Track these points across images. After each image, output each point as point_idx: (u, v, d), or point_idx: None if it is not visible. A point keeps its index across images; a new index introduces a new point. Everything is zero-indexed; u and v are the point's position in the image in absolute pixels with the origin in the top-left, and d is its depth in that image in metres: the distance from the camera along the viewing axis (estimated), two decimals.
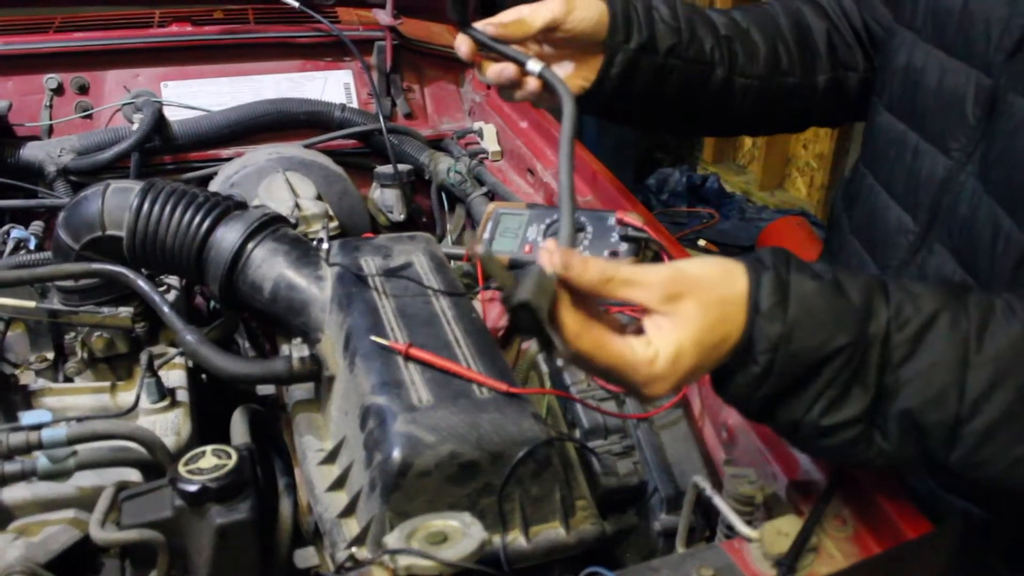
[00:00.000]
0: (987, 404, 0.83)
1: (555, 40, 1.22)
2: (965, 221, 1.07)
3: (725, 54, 1.31)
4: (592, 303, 0.84)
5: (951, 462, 0.85)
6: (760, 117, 1.39)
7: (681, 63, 1.27)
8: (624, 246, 1.29)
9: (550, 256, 0.81)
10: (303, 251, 1.27)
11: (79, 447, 1.06)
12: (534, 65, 1.16)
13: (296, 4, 2.10)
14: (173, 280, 1.48)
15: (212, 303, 1.62)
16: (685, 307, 0.82)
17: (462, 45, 1.18)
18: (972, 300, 0.86)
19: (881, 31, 1.33)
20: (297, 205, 1.61)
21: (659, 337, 0.82)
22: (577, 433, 1.13)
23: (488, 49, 1.18)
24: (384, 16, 2.15)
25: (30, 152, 1.82)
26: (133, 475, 1.11)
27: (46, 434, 1.04)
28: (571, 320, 0.79)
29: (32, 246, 1.59)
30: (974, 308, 0.85)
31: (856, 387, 0.85)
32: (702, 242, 4.16)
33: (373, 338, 1.06)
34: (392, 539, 0.85)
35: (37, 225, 1.68)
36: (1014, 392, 0.83)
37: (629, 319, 0.91)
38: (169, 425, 1.22)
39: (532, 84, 1.18)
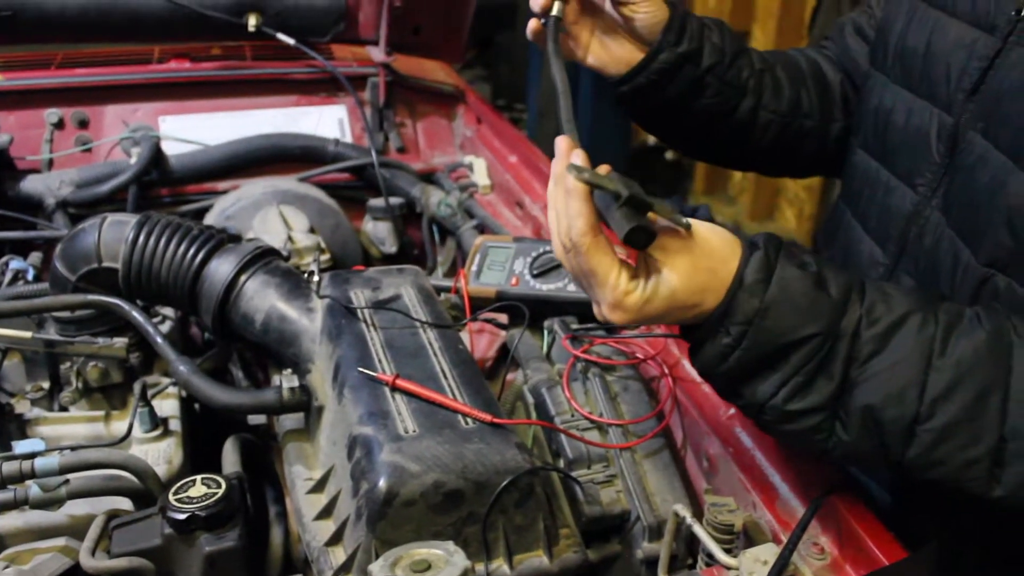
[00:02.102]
0: (945, 405, 0.85)
1: (623, 13, 1.25)
2: (929, 252, 1.10)
3: (757, 86, 1.34)
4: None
5: (907, 460, 0.87)
6: (775, 154, 1.42)
7: (717, 83, 1.31)
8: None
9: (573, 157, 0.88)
10: (294, 284, 1.28)
11: (71, 476, 1.06)
12: (558, 4, 1.18)
13: (292, 41, 2.13)
14: (168, 311, 1.49)
15: (207, 333, 1.63)
16: (677, 260, 0.88)
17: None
18: (943, 307, 0.89)
19: (861, 79, 1.37)
20: (290, 238, 1.63)
21: (643, 276, 0.88)
22: (561, 462, 1.13)
23: None
24: (377, 53, 2.18)
25: (30, 185, 1.84)
26: (124, 503, 1.11)
27: (39, 463, 1.05)
28: (590, 222, 0.85)
29: (30, 277, 1.60)
30: (943, 314, 0.88)
31: (822, 377, 0.87)
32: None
33: (361, 369, 1.07)
34: (377, 567, 0.85)
35: (36, 256, 1.68)
36: (972, 395, 0.85)
37: None
38: (161, 454, 1.22)
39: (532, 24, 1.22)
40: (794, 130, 1.39)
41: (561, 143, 0.91)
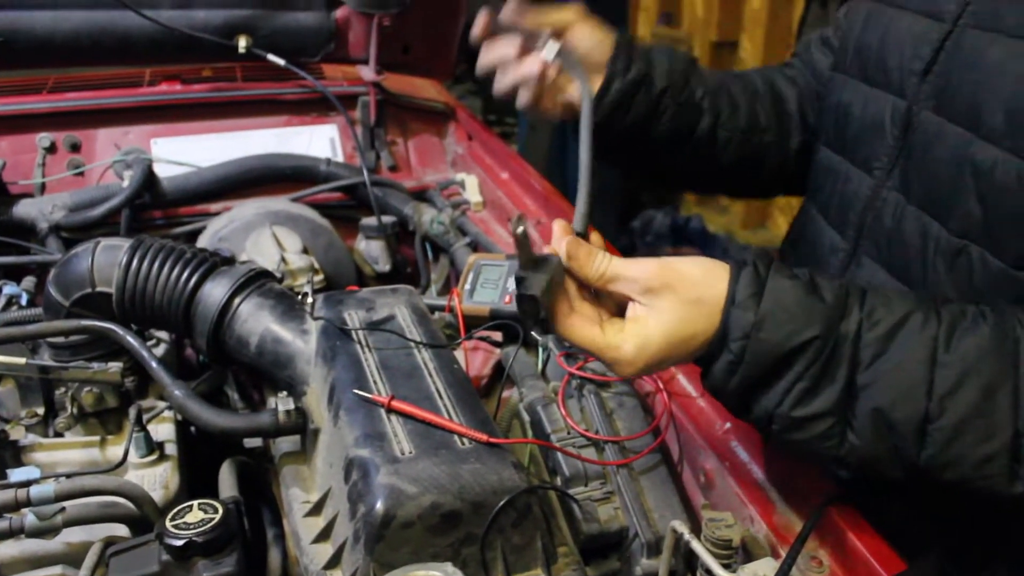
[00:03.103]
0: (954, 401, 0.85)
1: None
2: (891, 232, 1.12)
3: (713, 105, 1.36)
4: (586, 288, 0.95)
5: (921, 461, 0.87)
6: (738, 172, 1.44)
7: (673, 105, 1.32)
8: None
9: (558, 244, 0.93)
10: (288, 305, 1.28)
11: (67, 503, 1.06)
12: (552, 46, 1.24)
13: (282, 62, 2.13)
14: (163, 334, 1.49)
15: (201, 356, 1.62)
16: (661, 301, 0.90)
17: (477, 25, 1.27)
18: (945, 306, 0.90)
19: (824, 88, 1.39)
20: (284, 259, 1.62)
21: (631, 326, 0.91)
22: (558, 480, 1.13)
23: (509, 31, 1.27)
24: (368, 72, 2.18)
25: (23, 209, 1.83)
26: (121, 530, 1.11)
27: (34, 491, 1.04)
28: (558, 308, 0.93)
29: (24, 302, 1.60)
30: (946, 312, 0.89)
31: (826, 381, 0.88)
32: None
33: (356, 391, 1.07)
34: None
35: (29, 280, 1.68)
36: (980, 390, 0.85)
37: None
38: (157, 479, 1.21)
39: (534, 67, 1.27)
40: (754, 146, 1.41)
41: (555, 227, 0.96)
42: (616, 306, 0.96)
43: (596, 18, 1.33)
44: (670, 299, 0.90)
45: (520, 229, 0.91)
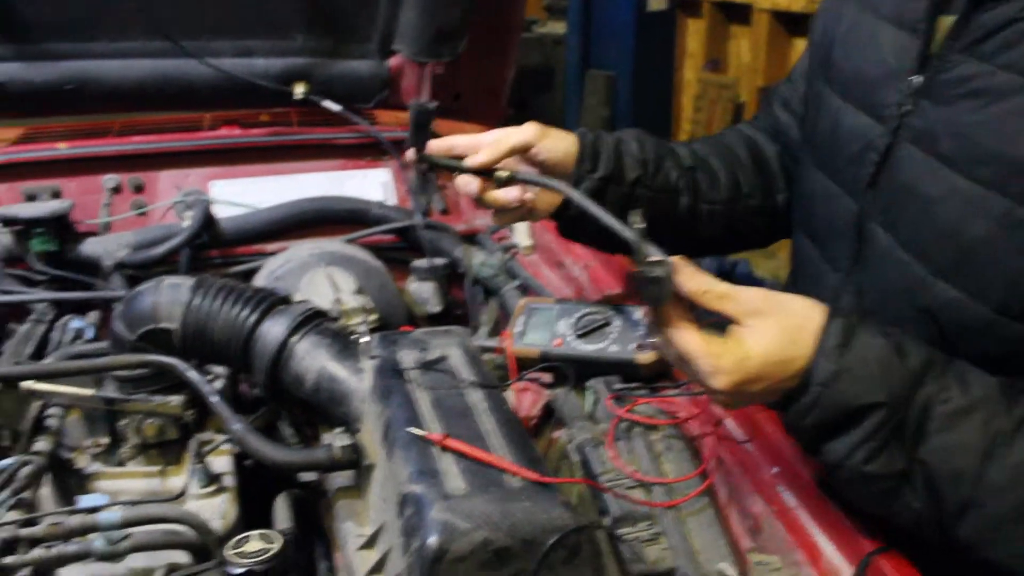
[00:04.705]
0: (1000, 499, 0.87)
1: (528, 164, 1.30)
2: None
3: (690, 183, 1.38)
4: (686, 303, 0.99)
5: (959, 536, 0.90)
6: (728, 237, 1.47)
7: (647, 192, 1.34)
8: (650, 339, 1.34)
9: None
10: (344, 344, 1.32)
11: (133, 530, 1.10)
12: (502, 174, 1.25)
13: (337, 108, 2.21)
14: (219, 368, 1.54)
15: (255, 390, 1.67)
16: (765, 323, 0.95)
17: (407, 155, 1.29)
18: (1020, 400, 0.91)
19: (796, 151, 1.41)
20: (338, 299, 1.67)
21: (733, 339, 0.96)
22: (607, 521, 1.15)
23: (450, 169, 1.29)
24: None
25: (89, 247, 1.91)
26: (182, 557, 1.15)
27: (102, 517, 1.09)
28: (669, 307, 0.98)
29: (89, 335, 1.66)
30: (1019, 409, 0.90)
31: (894, 444, 0.91)
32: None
33: (410, 429, 1.10)
34: None
35: (94, 315, 1.75)
36: None
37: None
38: (216, 509, 1.25)
39: (509, 194, 1.27)
40: (740, 212, 1.43)
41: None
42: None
43: (551, 128, 1.33)
44: (773, 323, 0.95)
45: (638, 224, 1.01)
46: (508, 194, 1.27)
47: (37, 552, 1.05)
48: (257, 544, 1.02)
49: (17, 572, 1.04)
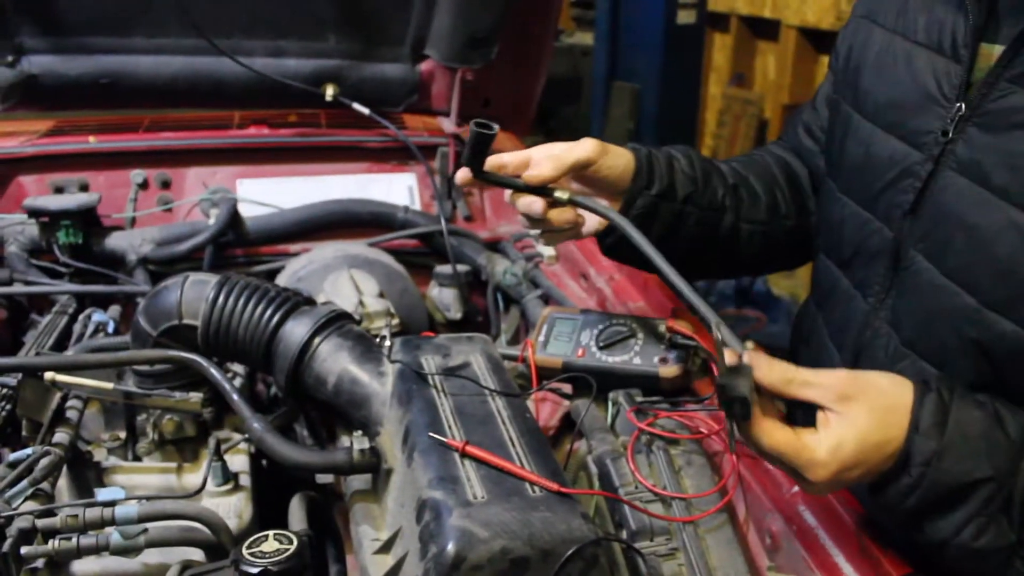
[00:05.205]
0: None
1: (583, 180, 1.27)
2: (885, 368, 1.09)
3: (734, 201, 1.36)
4: (766, 395, 0.95)
5: None
6: (764, 258, 1.45)
7: (696, 210, 1.33)
8: (673, 353, 1.33)
9: (743, 355, 0.95)
10: (366, 347, 1.32)
11: (149, 525, 1.10)
12: (562, 195, 1.22)
13: (366, 111, 2.21)
14: (238, 367, 1.54)
15: (272, 390, 1.67)
16: (854, 407, 0.92)
17: (459, 176, 1.23)
18: None
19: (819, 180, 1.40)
20: (361, 302, 1.67)
21: (824, 429, 0.92)
22: (624, 534, 1.14)
23: (507, 186, 1.24)
24: (448, 124, 2.25)
25: (114, 241, 1.92)
26: (197, 555, 1.15)
27: (119, 511, 1.08)
28: (755, 413, 0.93)
29: (111, 329, 1.67)
30: None
31: (1003, 516, 0.90)
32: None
33: (431, 434, 1.10)
34: None
35: (115, 309, 1.75)
36: None
37: None
38: (232, 508, 1.25)
39: (565, 215, 1.24)
40: (777, 233, 1.42)
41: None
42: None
43: (610, 145, 1.29)
44: (863, 406, 0.92)
45: (719, 335, 0.97)
46: (564, 215, 1.24)
47: (54, 543, 1.05)
48: (273, 544, 1.02)
49: (33, 562, 1.04)
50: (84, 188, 2.05)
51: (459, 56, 2.18)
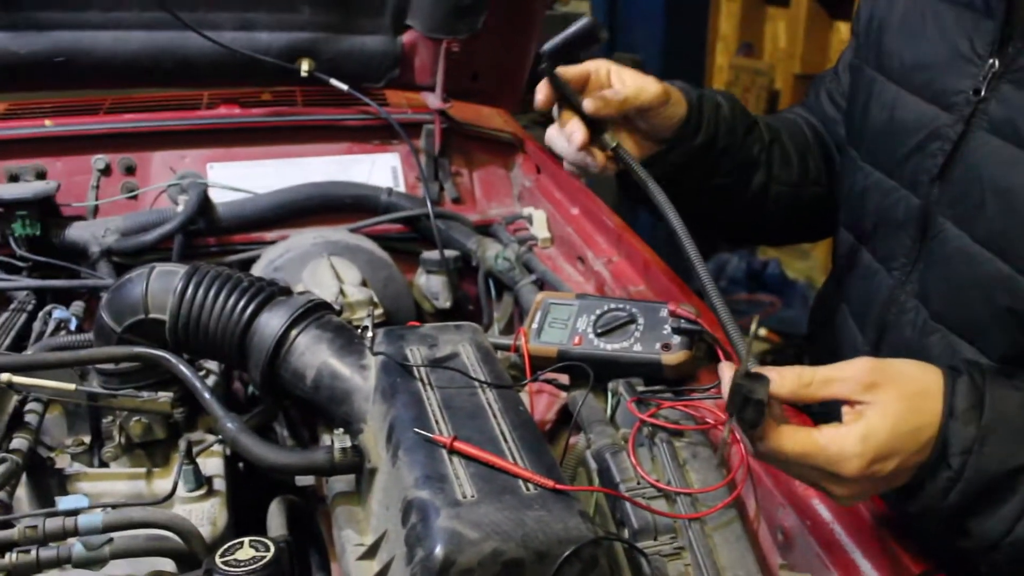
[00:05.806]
0: None
1: (634, 116, 1.28)
2: (912, 344, 1.10)
3: (767, 159, 1.37)
4: (776, 405, 0.93)
5: None
6: (788, 224, 1.46)
7: (730, 163, 1.34)
8: (676, 339, 1.32)
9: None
10: (347, 339, 1.31)
11: (115, 535, 1.09)
12: (610, 139, 1.23)
13: (345, 87, 2.20)
14: (212, 365, 1.53)
15: (250, 388, 1.67)
16: (883, 394, 0.89)
17: (541, 93, 1.23)
18: None
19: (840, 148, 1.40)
20: (342, 291, 1.67)
21: (851, 422, 0.90)
22: (626, 532, 1.14)
23: (565, 98, 1.23)
24: (433, 99, 2.23)
25: (75, 232, 1.91)
26: (167, 565, 1.14)
27: (82, 520, 1.08)
28: (765, 423, 0.91)
29: (73, 327, 1.66)
30: None
31: None
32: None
33: (417, 430, 1.09)
34: None
35: (78, 305, 1.75)
36: None
37: None
38: (205, 514, 1.25)
39: (599, 158, 1.25)
40: (805, 199, 1.42)
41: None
42: None
43: (673, 90, 1.30)
44: (893, 392, 0.90)
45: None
46: (598, 158, 1.26)
47: (12, 557, 1.04)
48: (249, 552, 1.02)
49: None
50: (41, 175, 2.03)
51: (444, 26, 2.16)
